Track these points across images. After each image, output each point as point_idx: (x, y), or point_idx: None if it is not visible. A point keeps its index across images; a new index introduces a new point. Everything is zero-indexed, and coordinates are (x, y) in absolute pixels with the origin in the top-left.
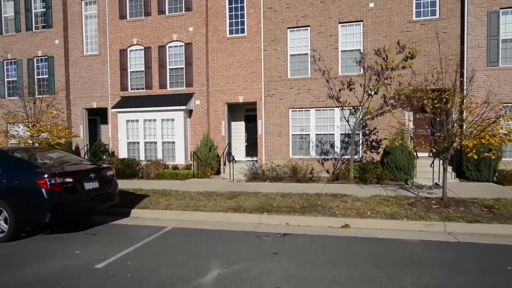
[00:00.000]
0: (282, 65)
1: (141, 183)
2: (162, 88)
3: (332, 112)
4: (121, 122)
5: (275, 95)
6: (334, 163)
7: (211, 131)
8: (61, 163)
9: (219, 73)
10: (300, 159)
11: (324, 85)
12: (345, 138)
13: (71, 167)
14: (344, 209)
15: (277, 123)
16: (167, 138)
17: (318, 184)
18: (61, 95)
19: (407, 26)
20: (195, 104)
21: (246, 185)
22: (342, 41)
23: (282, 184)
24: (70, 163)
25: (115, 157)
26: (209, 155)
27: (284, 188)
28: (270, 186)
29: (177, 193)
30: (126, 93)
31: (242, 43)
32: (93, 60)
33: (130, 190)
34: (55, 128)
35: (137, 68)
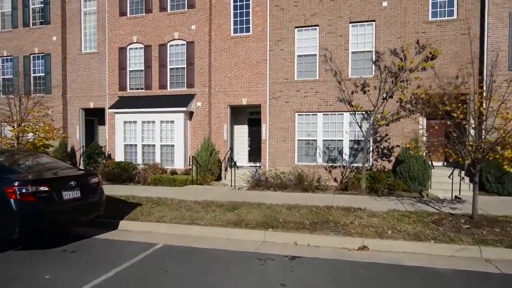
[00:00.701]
0: (289, 66)
1: (136, 189)
2: (162, 89)
3: (341, 116)
4: (119, 123)
5: (281, 97)
6: (342, 171)
7: (213, 135)
8: (38, 169)
9: (222, 73)
10: (306, 166)
11: (333, 88)
12: (354, 145)
13: (48, 173)
14: (360, 226)
15: (282, 128)
16: (166, 141)
17: (327, 194)
18: (57, 94)
19: (423, 27)
20: (196, 105)
21: (249, 193)
22: (353, 41)
23: (287, 194)
24: (49, 169)
25: (111, 160)
26: (209, 160)
27: (290, 198)
28: (275, 196)
29: (173, 202)
30: (124, 93)
31: (247, 42)
32: (91, 58)
33: (122, 198)
34: (41, 128)
35: (136, 67)
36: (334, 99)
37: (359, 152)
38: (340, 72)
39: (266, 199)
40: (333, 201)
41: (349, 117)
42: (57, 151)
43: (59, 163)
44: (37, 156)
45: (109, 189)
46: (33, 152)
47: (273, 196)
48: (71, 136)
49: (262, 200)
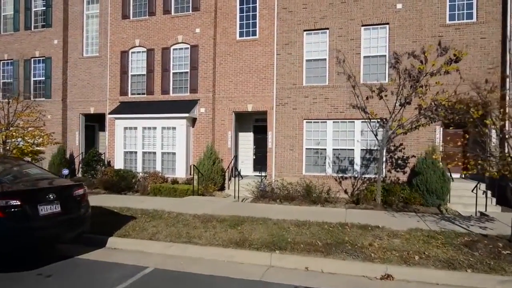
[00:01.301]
0: (297, 71)
1: (133, 200)
2: (164, 94)
3: (352, 124)
4: (119, 129)
5: (288, 104)
6: (353, 182)
7: (216, 142)
8: (11, 179)
9: (227, 78)
10: (315, 177)
11: (344, 94)
12: (366, 155)
13: (23, 184)
14: (381, 249)
15: (289, 135)
16: (167, 148)
17: (339, 209)
18: (57, 98)
19: (439, 30)
20: (200, 112)
21: (253, 206)
22: (365, 45)
23: (295, 207)
24: (26, 180)
25: (110, 167)
26: (212, 168)
27: (298, 212)
28: (281, 209)
29: (170, 215)
30: (125, 98)
31: (253, 46)
32: (92, 62)
33: (116, 210)
34: (28, 133)
35: (138, 72)
36: (344, 106)
37: (371, 163)
38: (354, 76)
39: (272, 213)
40: (346, 217)
41: (361, 125)
42: (55, 158)
43: (40, 172)
44: (16, 164)
45: (104, 199)
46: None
47: (280, 209)
48: (71, 142)
49: (268, 215)
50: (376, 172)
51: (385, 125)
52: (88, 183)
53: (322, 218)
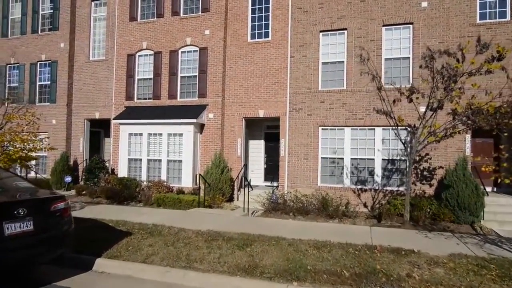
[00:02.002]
0: (312, 74)
1: (133, 212)
2: (172, 98)
3: (372, 132)
4: (123, 135)
5: (303, 109)
6: (374, 195)
7: (225, 150)
8: None
9: (237, 82)
10: (331, 188)
11: (363, 99)
12: (388, 165)
13: None
14: (423, 283)
15: (303, 143)
16: (173, 156)
17: (362, 227)
18: (62, 103)
19: (469, 30)
20: (208, 117)
21: (264, 221)
22: (387, 47)
23: (311, 224)
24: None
25: (113, 175)
26: (220, 178)
27: (315, 230)
28: (296, 226)
29: (170, 232)
30: (131, 103)
31: (266, 48)
32: (98, 66)
33: (111, 224)
34: (18, 138)
35: (145, 76)
36: (364, 112)
37: (394, 174)
38: (379, 77)
39: (286, 231)
40: (372, 236)
41: (382, 132)
42: (57, 164)
43: (16, 182)
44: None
45: (102, 210)
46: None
47: (294, 226)
48: (75, 148)
49: (282, 232)
50: (399, 184)
51: (416, 132)
52: (90, 192)
53: (344, 238)
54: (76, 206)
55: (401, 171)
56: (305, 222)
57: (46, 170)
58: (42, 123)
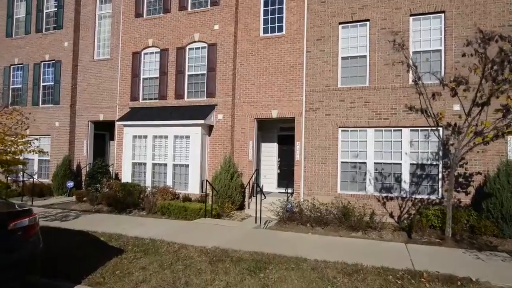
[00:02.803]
0: (331, 70)
1: (132, 222)
2: (179, 98)
3: (399, 133)
4: (127, 137)
5: (320, 109)
6: (401, 204)
7: (235, 154)
8: None
9: (249, 81)
10: (352, 196)
11: (388, 97)
12: (417, 170)
13: None
14: None
15: (321, 146)
16: (179, 160)
17: (395, 244)
18: (65, 104)
19: (509, 19)
20: (217, 118)
21: (279, 236)
22: (415, 39)
23: (335, 240)
24: None
25: (117, 180)
26: (230, 184)
27: (341, 247)
28: (318, 242)
29: (169, 249)
30: (136, 103)
31: (279, 43)
32: (103, 66)
33: (103, 238)
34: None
35: (150, 75)
36: (389, 111)
37: (424, 180)
38: (416, 67)
39: (306, 248)
40: (411, 257)
41: (410, 134)
42: (59, 169)
43: None
44: None
45: (97, 220)
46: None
47: (315, 241)
48: (78, 152)
49: (301, 251)
50: (430, 192)
51: (460, 132)
52: (91, 198)
53: (378, 260)
54: (70, 215)
55: (432, 177)
56: (327, 237)
57: (49, 175)
58: (45, 125)
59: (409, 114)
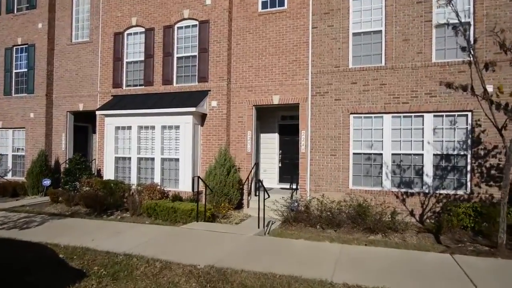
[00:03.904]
0: (341, 48)
1: (108, 229)
2: (167, 84)
3: (420, 120)
4: (109, 129)
5: (329, 93)
6: (423, 200)
7: (232, 146)
8: None
9: (246, 63)
10: (367, 192)
11: (408, 77)
12: (441, 162)
13: None
14: None
15: (330, 136)
16: (169, 153)
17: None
18: (40, 93)
19: None
20: (211, 106)
21: (290, 246)
22: (438, 10)
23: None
24: None
25: (98, 177)
26: (226, 180)
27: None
28: (339, 253)
29: (148, 271)
30: (119, 90)
31: (280, 19)
32: (82, 49)
33: (63, 254)
34: None
35: (135, 58)
36: (409, 94)
37: (449, 173)
38: (465, 30)
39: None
40: (469, 276)
41: (433, 120)
42: (34, 165)
43: None
44: None
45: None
46: None
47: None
48: (56, 147)
49: (322, 270)
50: (456, 187)
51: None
52: (67, 198)
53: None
54: (35, 221)
55: (459, 169)
56: (349, 247)
57: (24, 172)
58: (19, 117)
59: (432, 97)
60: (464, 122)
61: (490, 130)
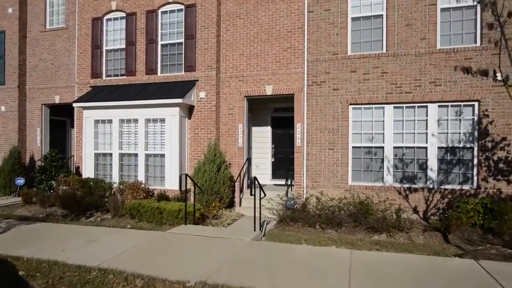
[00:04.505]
0: (339, 34)
1: (84, 235)
2: (150, 74)
3: (424, 110)
4: (88, 122)
5: (326, 82)
6: (427, 196)
7: (222, 140)
8: None
9: (236, 50)
10: (367, 188)
11: (411, 65)
12: (445, 155)
13: None
14: None
15: (328, 128)
16: (153, 148)
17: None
18: (12, 85)
19: None
20: (199, 97)
21: (292, 253)
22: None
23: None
24: None
25: (76, 176)
26: (217, 178)
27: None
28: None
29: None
30: (98, 81)
31: (273, 3)
32: (58, 37)
33: (24, 271)
34: None
35: (115, 45)
36: (412, 83)
37: (454, 167)
38: None
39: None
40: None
41: (438, 111)
42: (6, 163)
43: None
44: None
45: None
46: None
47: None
48: (31, 143)
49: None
50: (462, 181)
51: None
52: (41, 199)
53: None
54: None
55: (464, 163)
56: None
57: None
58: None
59: (437, 86)
60: (471, 112)
61: (499, 121)
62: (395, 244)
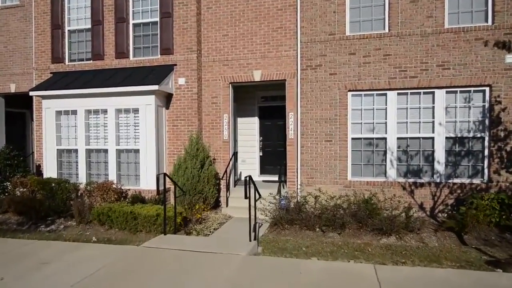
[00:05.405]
0: (336, 12)
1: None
2: (121, 58)
3: (430, 97)
4: (48, 114)
5: (322, 66)
6: (434, 191)
7: (205, 133)
8: None
9: (220, 31)
10: (369, 184)
11: (417, 46)
12: (454, 146)
13: None
14: None
15: (324, 118)
16: (126, 143)
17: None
18: None
19: None
20: (177, 83)
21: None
22: None
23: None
24: None
25: (35, 176)
26: (200, 175)
27: None
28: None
29: None
30: (60, 66)
31: None
32: (11, 15)
33: None
34: None
35: (80, 25)
36: (418, 67)
37: (463, 159)
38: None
39: None
40: None
41: (445, 97)
42: None
43: None
44: None
45: None
46: None
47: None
48: None
49: None
50: (471, 175)
51: None
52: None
53: None
54: None
55: (474, 154)
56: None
57: None
58: None
59: (445, 69)
60: (481, 99)
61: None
62: (409, 249)
